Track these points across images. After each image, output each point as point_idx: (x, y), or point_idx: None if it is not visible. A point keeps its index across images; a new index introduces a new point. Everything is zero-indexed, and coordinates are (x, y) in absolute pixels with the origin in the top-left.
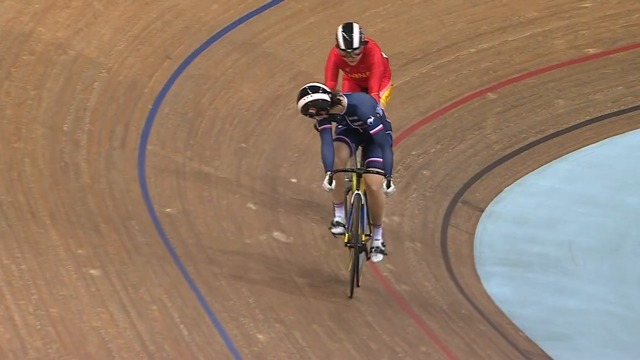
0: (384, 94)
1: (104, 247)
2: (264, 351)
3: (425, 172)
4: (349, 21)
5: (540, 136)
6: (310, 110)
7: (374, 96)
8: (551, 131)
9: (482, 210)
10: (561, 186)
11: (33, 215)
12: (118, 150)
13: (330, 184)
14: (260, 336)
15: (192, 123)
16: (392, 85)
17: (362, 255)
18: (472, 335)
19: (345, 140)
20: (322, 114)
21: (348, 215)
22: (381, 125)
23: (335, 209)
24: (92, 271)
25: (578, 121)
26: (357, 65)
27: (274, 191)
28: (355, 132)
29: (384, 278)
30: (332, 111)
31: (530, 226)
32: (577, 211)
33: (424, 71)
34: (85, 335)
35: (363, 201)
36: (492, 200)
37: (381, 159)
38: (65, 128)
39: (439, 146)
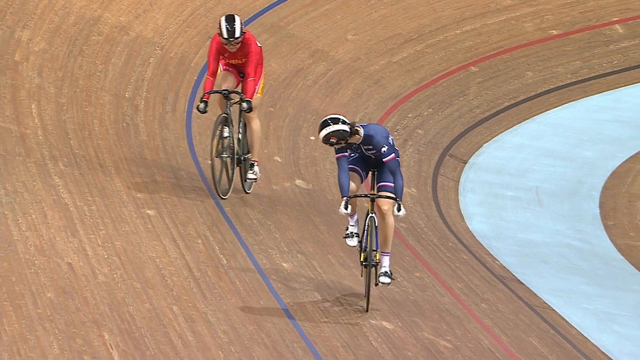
0: (260, 85)
1: (158, 192)
2: (288, 277)
3: (419, 131)
4: (231, 13)
5: (513, 102)
6: (331, 140)
7: (250, 82)
8: (522, 97)
9: (465, 162)
10: (529, 142)
11: (101, 166)
12: (169, 114)
13: (346, 208)
14: (285, 265)
15: None
16: (264, 74)
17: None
18: (457, 263)
19: (357, 169)
20: (341, 143)
21: (362, 233)
22: (393, 154)
23: (350, 218)
24: (148, 211)
25: (543, 89)
26: (236, 53)
27: (296, 147)
28: (366, 160)
29: None
30: (350, 140)
31: (505, 175)
32: (543, 162)
33: (418, 49)
34: (144, 264)
35: (376, 223)
36: (473, 154)
37: (392, 184)
38: (126, 95)
39: (430, 110)
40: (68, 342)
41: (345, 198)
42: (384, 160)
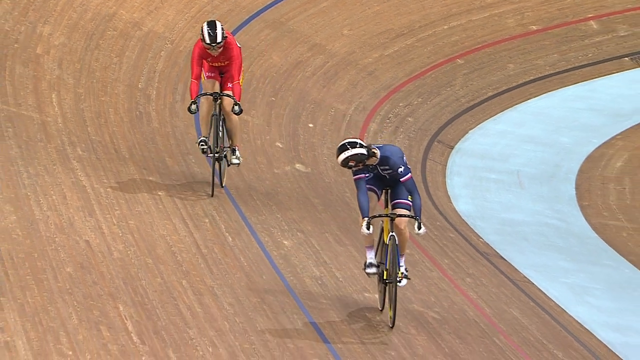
0: (241, 79)
1: (169, 175)
2: (288, 253)
3: (409, 119)
4: (213, 19)
5: (496, 92)
6: (350, 163)
7: (235, 85)
8: (504, 88)
9: (452, 148)
10: (511, 129)
11: (116, 151)
12: (179, 103)
13: (368, 229)
14: (285, 242)
15: None
16: (243, 71)
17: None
18: (444, 241)
19: (374, 189)
20: (359, 166)
21: (381, 253)
22: (410, 174)
23: (367, 251)
24: (160, 193)
25: (524, 80)
26: (218, 56)
27: (296, 133)
28: (382, 179)
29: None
30: (367, 162)
31: (488, 159)
32: (523, 148)
33: (408, 43)
34: (155, 241)
35: (396, 241)
36: (459, 140)
37: (407, 201)
38: (139, 85)
39: (420, 99)
40: (86, 313)
41: (366, 219)
42: (401, 180)
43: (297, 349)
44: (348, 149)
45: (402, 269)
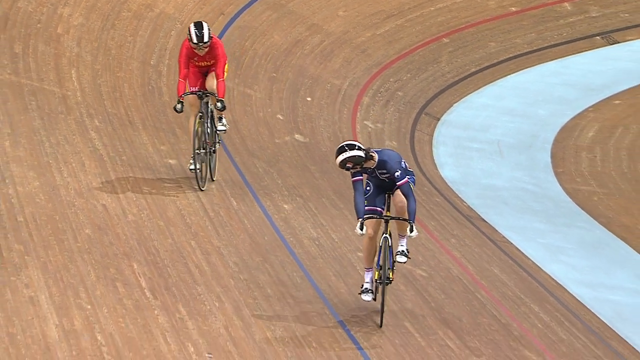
0: (225, 76)
1: (178, 144)
2: (288, 216)
3: (399, 93)
4: (199, 20)
5: (478, 68)
6: (347, 165)
7: (221, 82)
8: (486, 64)
9: (438, 119)
10: (492, 102)
11: (130, 123)
12: None
13: (361, 229)
14: (286, 206)
15: (239, 59)
16: (227, 64)
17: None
18: (431, 205)
19: (378, 212)
20: (357, 168)
21: (378, 256)
22: (406, 178)
23: (365, 274)
24: (170, 161)
25: (504, 57)
26: (205, 56)
27: (295, 107)
28: (382, 184)
29: None
30: (365, 165)
31: (471, 130)
32: (503, 119)
33: (398, 23)
34: (166, 205)
35: (390, 243)
36: (445, 112)
37: (405, 179)
38: (152, 62)
39: (408, 75)
40: (103, 271)
41: (360, 219)
42: (397, 183)
43: (296, 303)
44: (346, 150)
45: (403, 248)
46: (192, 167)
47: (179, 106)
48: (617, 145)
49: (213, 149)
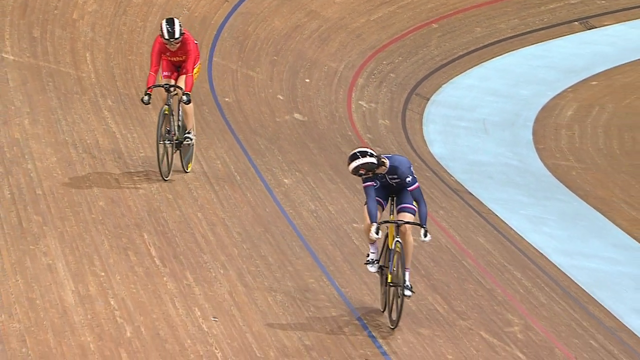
0: (195, 71)
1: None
2: (288, 190)
3: (392, 75)
4: (171, 17)
5: (465, 51)
6: (360, 171)
7: (188, 77)
8: (472, 48)
9: (428, 99)
10: (478, 83)
11: (141, 103)
12: None
13: (377, 233)
14: (286, 180)
15: (242, 43)
16: (199, 64)
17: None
18: (421, 179)
19: (380, 201)
20: (369, 174)
21: (385, 257)
22: (417, 183)
23: (370, 246)
24: None
25: (489, 42)
26: (176, 51)
27: (295, 88)
28: (388, 187)
29: (366, 143)
30: (377, 171)
31: (458, 109)
32: (488, 99)
33: (391, 9)
34: (174, 179)
35: (401, 247)
36: (434, 93)
37: (411, 205)
38: None
39: (400, 58)
40: (116, 241)
41: (375, 224)
42: (409, 189)
43: (296, 271)
44: (359, 157)
45: (407, 283)
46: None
47: (145, 98)
48: (593, 124)
49: (180, 141)
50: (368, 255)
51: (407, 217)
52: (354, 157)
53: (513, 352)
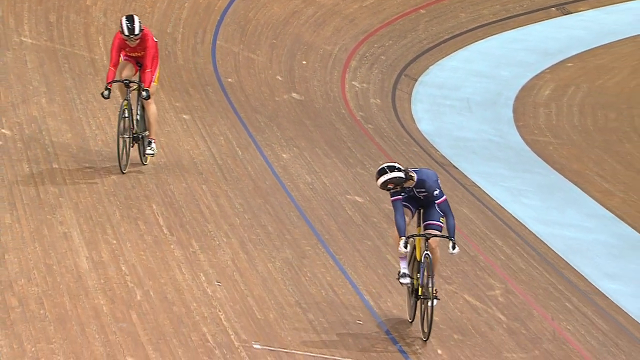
0: (156, 75)
1: (192, 102)
2: (287, 164)
3: (382, 57)
4: (131, 14)
5: (450, 35)
6: (389, 186)
7: (147, 73)
8: (457, 32)
9: (416, 80)
10: (463, 65)
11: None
12: (200, 45)
13: (405, 247)
14: (284, 155)
15: (244, 28)
16: (159, 64)
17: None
18: (410, 154)
19: (408, 206)
20: (397, 188)
21: (413, 269)
22: (445, 196)
23: (401, 261)
24: (184, 116)
25: (473, 26)
26: (136, 47)
27: (292, 69)
28: (416, 200)
29: (358, 120)
30: (405, 185)
31: (444, 89)
32: (472, 80)
33: None
34: (181, 154)
35: (430, 260)
36: (422, 74)
37: (438, 222)
38: (168, 30)
39: (390, 41)
40: (127, 211)
41: (403, 237)
42: (436, 202)
43: (293, 239)
44: (387, 172)
45: (433, 288)
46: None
47: (106, 92)
48: (569, 102)
49: (139, 135)
50: (399, 272)
51: (437, 233)
52: (382, 171)
53: (494, 313)
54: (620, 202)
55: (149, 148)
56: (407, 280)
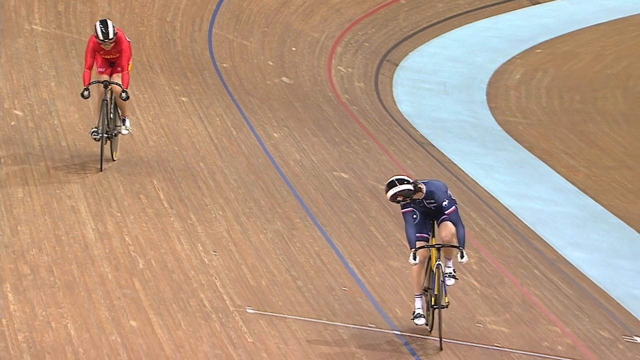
0: (130, 64)
1: (190, 85)
2: (277, 143)
3: (366, 44)
4: (104, 18)
5: (428, 24)
6: (398, 198)
7: (125, 75)
8: (435, 21)
9: (397, 65)
10: (440, 51)
11: (150, 67)
12: (197, 32)
13: (415, 259)
14: (275, 134)
15: (238, 16)
16: (133, 60)
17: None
18: (391, 134)
19: (424, 237)
20: (407, 200)
21: (429, 280)
22: (454, 207)
23: (416, 300)
24: (183, 98)
25: (449, 15)
26: (110, 50)
27: (283, 55)
28: (427, 213)
29: (343, 102)
30: (414, 197)
31: (423, 74)
32: (448, 65)
33: None
34: (180, 134)
35: (442, 269)
36: (402, 59)
37: (450, 210)
38: (168, 19)
39: (373, 29)
40: (130, 186)
41: (413, 250)
42: (446, 212)
43: (284, 212)
44: (396, 185)
45: (450, 270)
46: (96, 136)
47: (85, 93)
48: (537, 85)
49: (114, 133)
50: (414, 312)
51: (449, 225)
52: (391, 184)
53: (469, 280)
54: (584, 177)
55: (123, 127)
56: (421, 321)
